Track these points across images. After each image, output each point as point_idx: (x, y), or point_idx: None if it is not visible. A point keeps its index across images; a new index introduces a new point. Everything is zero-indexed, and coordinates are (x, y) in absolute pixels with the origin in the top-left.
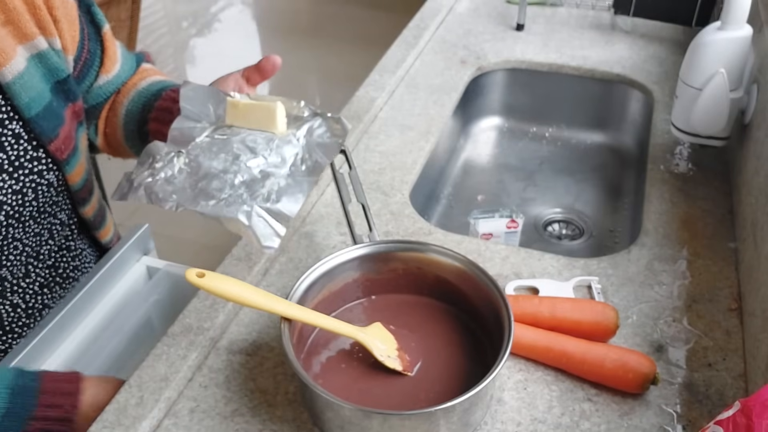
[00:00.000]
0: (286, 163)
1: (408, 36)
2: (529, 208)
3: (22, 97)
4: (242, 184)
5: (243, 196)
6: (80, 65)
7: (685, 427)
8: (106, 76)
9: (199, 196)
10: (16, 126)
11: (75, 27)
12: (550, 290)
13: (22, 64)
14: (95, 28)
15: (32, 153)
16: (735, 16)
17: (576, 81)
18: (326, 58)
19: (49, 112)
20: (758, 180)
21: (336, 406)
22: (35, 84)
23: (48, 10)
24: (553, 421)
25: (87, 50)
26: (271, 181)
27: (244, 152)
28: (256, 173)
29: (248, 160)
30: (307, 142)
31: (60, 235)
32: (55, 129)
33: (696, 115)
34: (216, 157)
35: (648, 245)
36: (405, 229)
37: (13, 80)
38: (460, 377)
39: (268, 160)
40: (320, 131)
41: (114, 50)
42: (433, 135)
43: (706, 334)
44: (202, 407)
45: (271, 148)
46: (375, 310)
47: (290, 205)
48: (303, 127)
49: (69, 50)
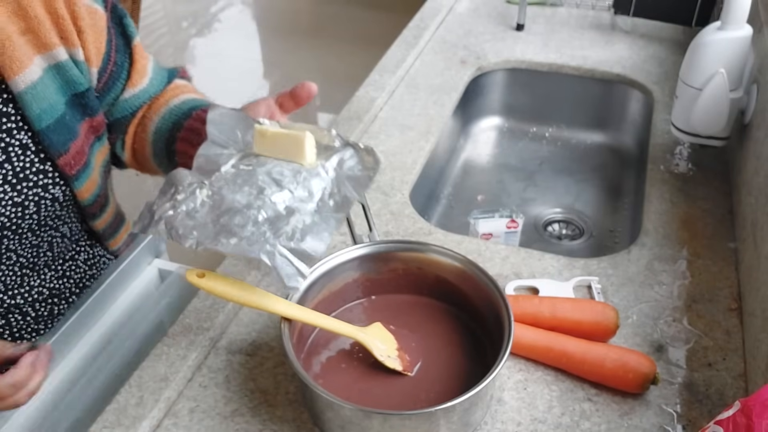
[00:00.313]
0: (313, 198)
1: (408, 36)
2: (529, 208)
3: (33, 108)
4: (266, 221)
5: (266, 234)
6: (105, 77)
7: (685, 427)
8: (132, 89)
9: (220, 233)
10: (24, 137)
11: (101, 38)
12: (550, 290)
13: (36, 74)
14: (125, 39)
15: (39, 166)
16: (735, 16)
17: (576, 81)
18: (326, 58)
19: (61, 126)
20: (758, 180)
21: (336, 406)
22: (49, 95)
23: (72, 21)
24: (553, 421)
25: (113, 62)
26: (296, 218)
27: (270, 185)
28: (281, 209)
29: (273, 194)
30: (337, 175)
31: (61, 247)
32: (65, 143)
33: (696, 115)
34: (240, 189)
35: (648, 245)
36: (405, 229)
37: (25, 90)
38: (460, 377)
39: (294, 194)
40: (351, 163)
41: (143, 64)
42: (433, 135)
43: (706, 334)
44: (202, 407)
45: (298, 180)
46: (375, 310)
47: (315, 244)
48: (333, 158)
49: (93, 62)
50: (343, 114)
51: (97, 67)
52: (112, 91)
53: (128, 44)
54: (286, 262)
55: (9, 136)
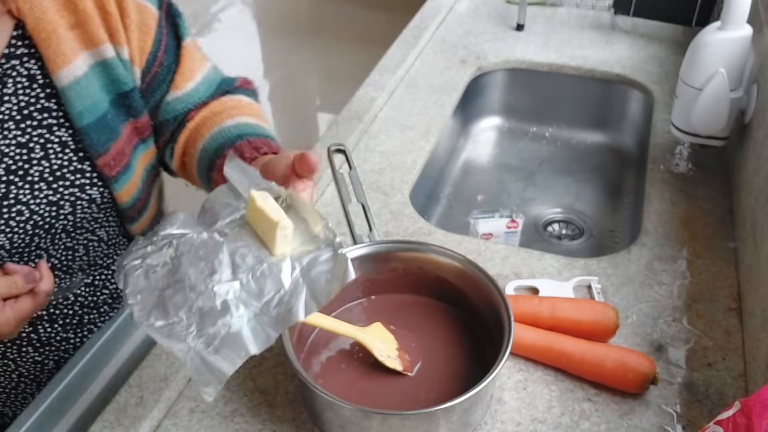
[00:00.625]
0: (261, 298)
1: (408, 36)
2: (529, 208)
3: (76, 105)
4: (198, 311)
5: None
6: (149, 78)
7: (685, 427)
8: (175, 92)
9: (157, 307)
10: (65, 134)
11: (148, 38)
12: (550, 290)
13: (81, 69)
14: (176, 41)
15: (77, 165)
16: (735, 16)
17: (576, 81)
18: (326, 58)
19: (103, 125)
20: (758, 180)
21: (336, 406)
22: (92, 93)
23: (120, 18)
24: (553, 421)
25: (159, 63)
26: (225, 320)
27: (224, 269)
28: (218, 303)
29: (219, 283)
30: (301, 277)
31: (97, 252)
32: (106, 143)
33: (696, 115)
34: (197, 263)
35: (648, 245)
36: (405, 229)
37: (68, 85)
38: (460, 377)
39: (243, 286)
40: (321, 269)
41: (190, 66)
42: (433, 135)
43: (706, 334)
44: (201, 407)
45: (254, 273)
46: (375, 310)
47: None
48: (307, 256)
49: (136, 62)
50: (343, 114)
51: (141, 67)
52: (157, 93)
53: (178, 45)
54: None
55: (49, 133)
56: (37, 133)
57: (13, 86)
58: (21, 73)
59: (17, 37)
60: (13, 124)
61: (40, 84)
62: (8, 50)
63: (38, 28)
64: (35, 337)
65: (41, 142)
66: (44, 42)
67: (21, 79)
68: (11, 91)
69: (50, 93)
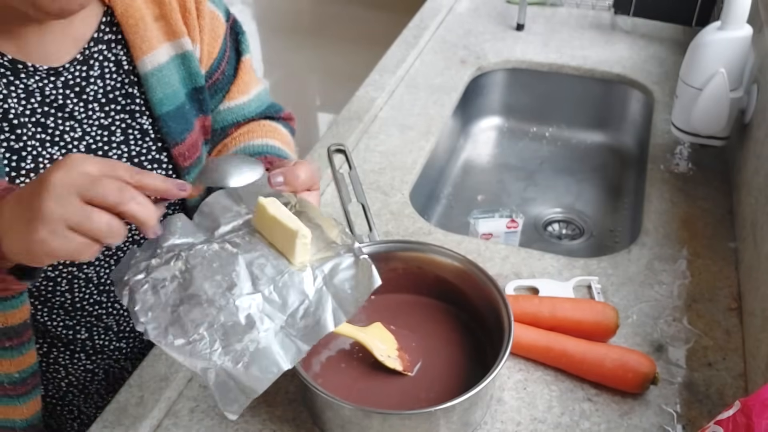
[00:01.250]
0: (285, 310)
1: (408, 36)
2: (529, 208)
3: (157, 92)
4: (221, 327)
5: (214, 346)
6: (210, 83)
7: (685, 427)
8: (228, 103)
9: (173, 324)
10: (146, 121)
11: (216, 43)
12: (550, 290)
13: (164, 57)
14: (237, 55)
15: (155, 154)
16: (735, 16)
17: (576, 81)
18: (326, 58)
19: (180, 115)
20: (758, 180)
21: (336, 406)
22: (173, 82)
23: (197, 17)
24: (553, 420)
25: (222, 71)
26: (252, 335)
27: (243, 281)
28: (242, 318)
29: (240, 296)
30: (324, 286)
31: None
32: (183, 133)
33: (696, 114)
34: (212, 277)
35: (648, 245)
36: (405, 229)
37: (152, 71)
38: (460, 377)
39: (266, 298)
40: (345, 275)
41: (247, 81)
42: (433, 135)
43: (706, 334)
44: (202, 407)
45: (276, 284)
46: (375, 310)
47: (256, 380)
48: (328, 264)
49: (204, 63)
50: (343, 114)
51: (206, 70)
52: (215, 100)
53: (238, 59)
54: (227, 387)
55: (131, 118)
56: (120, 117)
57: (100, 69)
58: (108, 57)
59: (106, 23)
60: (97, 106)
61: (126, 70)
62: (96, 34)
63: (127, 14)
64: (90, 344)
65: (123, 126)
66: (132, 28)
67: (108, 64)
68: (97, 73)
69: (133, 80)
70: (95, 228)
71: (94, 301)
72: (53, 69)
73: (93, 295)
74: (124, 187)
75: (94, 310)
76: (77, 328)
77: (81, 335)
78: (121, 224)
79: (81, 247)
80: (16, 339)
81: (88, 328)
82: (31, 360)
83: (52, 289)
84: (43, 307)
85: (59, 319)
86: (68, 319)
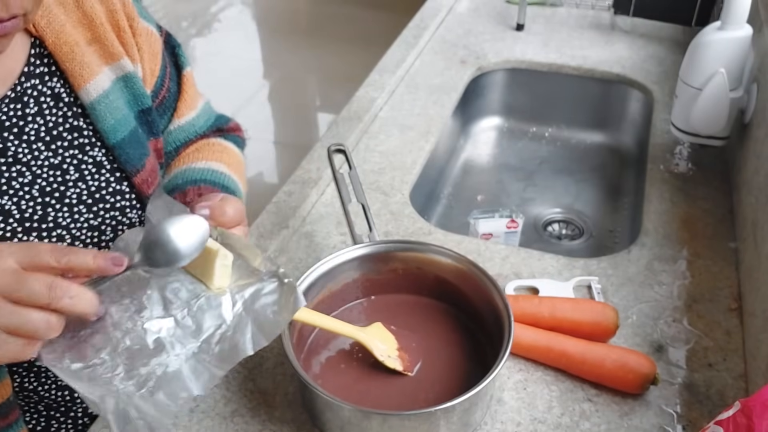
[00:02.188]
0: (199, 336)
1: (408, 36)
2: (529, 208)
3: (108, 119)
4: (125, 351)
5: (117, 370)
6: (157, 103)
7: (685, 428)
8: (178, 120)
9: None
10: (98, 153)
11: (156, 60)
12: (550, 290)
13: (106, 83)
14: (177, 69)
15: (115, 186)
16: (735, 16)
17: (576, 81)
18: (326, 58)
19: (135, 140)
20: (758, 180)
21: (336, 407)
22: (120, 107)
23: (132, 35)
24: (553, 421)
25: (166, 89)
26: (160, 359)
27: (154, 305)
28: (150, 341)
29: (149, 319)
30: (243, 311)
31: None
32: (141, 158)
33: (696, 114)
34: (120, 300)
35: (648, 245)
36: (405, 229)
37: (97, 99)
38: (460, 377)
39: (178, 323)
40: (267, 300)
41: (191, 95)
42: (433, 135)
43: (707, 334)
44: (201, 407)
45: (190, 308)
46: (375, 311)
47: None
48: (248, 289)
49: (147, 83)
50: (343, 114)
51: (151, 89)
52: (164, 119)
53: (179, 74)
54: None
55: (82, 153)
56: (69, 154)
57: (36, 106)
58: (43, 92)
59: (36, 55)
60: (42, 146)
61: (66, 102)
62: (27, 68)
63: (59, 42)
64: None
65: (74, 163)
66: (67, 56)
67: (44, 99)
68: (35, 111)
69: (77, 112)
70: (32, 329)
71: None
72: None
73: None
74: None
75: None
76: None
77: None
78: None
79: (21, 348)
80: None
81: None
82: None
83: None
84: (28, 373)
85: (50, 382)
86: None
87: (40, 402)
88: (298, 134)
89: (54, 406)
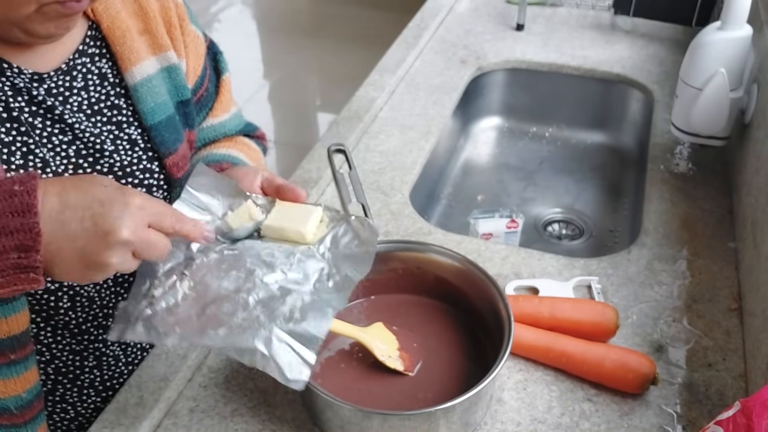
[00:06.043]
0: (309, 280)
1: (408, 36)
2: (529, 208)
3: (148, 102)
4: (258, 303)
5: (260, 318)
6: (196, 99)
7: (685, 427)
8: (212, 119)
9: (207, 324)
10: (134, 132)
11: (199, 62)
12: (550, 290)
13: (152, 69)
14: (216, 74)
15: (146, 164)
16: (735, 16)
17: (576, 81)
18: (326, 58)
19: (172, 125)
20: (758, 180)
21: (336, 406)
22: (161, 93)
23: (181, 33)
24: (553, 421)
25: (205, 88)
26: (293, 297)
27: (260, 267)
28: (275, 290)
29: (264, 276)
30: (333, 255)
31: None
32: (175, 143)
33: (696, 114)
34: (227, 275)
35: (648, 245)
36: (405, 229)
37: (141, 82)
38: (460, 377)
39: (288, 275)
40: (346, 240)
41: (227, 99)
42: (433, 135)
43: (706, 334)
44: (201, 407)
45: (291, 262)
46: (375, 310)
47: (318, 324)
48: (326, 239)
49: (189, 80)
50: (343, 114)
51: (191, 86)
52: (200, 116)
53: (218, 78)
54: (287, 349)
55: (119, 129)
56: (107, 129)
57: (83, 81)
58: (91, 70)
59: (91, 37)
60: (83, 116)
61: (111, 82)
62: (81, 47)
63: (113, 26)
64: (98, 376)
65: (111, 138)
66: (119, 39)
67: (91, 77)
68: (81, 85)
69: (120, 92)
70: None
71: (98, 324)
72: (38, 74)
73: (98, 318)
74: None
75: (100, 334)
76: (84, 354)
77: (89, 363)
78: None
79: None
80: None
81: (96, 356)
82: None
83: (54, 305)
84: (47, 325)
85: (65, 342)
86: (75, 343)
87: (50, 363)
88: (298, 134)
89: (63, 371)
